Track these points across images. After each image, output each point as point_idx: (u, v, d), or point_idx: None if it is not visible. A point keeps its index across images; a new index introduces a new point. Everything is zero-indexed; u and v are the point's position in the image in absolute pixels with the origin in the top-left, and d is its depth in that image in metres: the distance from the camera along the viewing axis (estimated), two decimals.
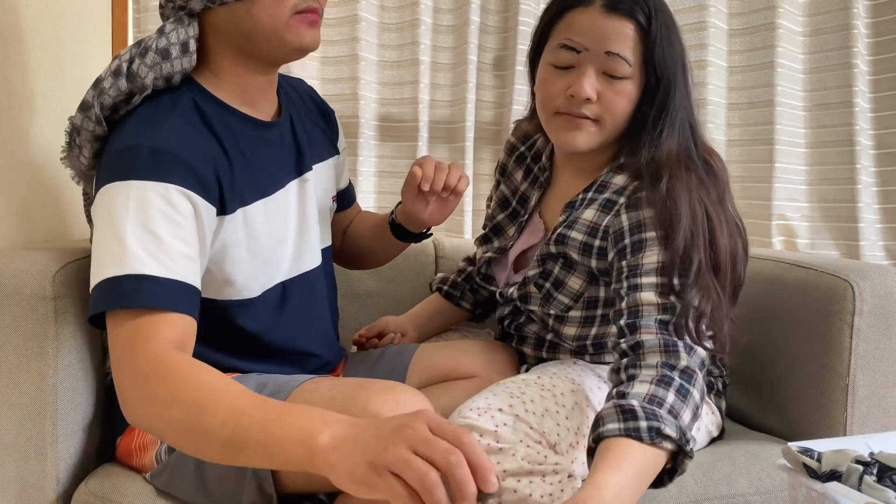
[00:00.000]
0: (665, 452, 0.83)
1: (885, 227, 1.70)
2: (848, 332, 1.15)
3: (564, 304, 1.09)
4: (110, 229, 0.84)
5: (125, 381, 0.81)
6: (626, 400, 0.85)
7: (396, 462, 0.62)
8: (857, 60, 1.64)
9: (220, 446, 0.73)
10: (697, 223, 0.96)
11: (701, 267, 0.95)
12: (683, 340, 0.91)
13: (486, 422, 0.94)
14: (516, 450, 0.92)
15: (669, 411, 0.84)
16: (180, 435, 0.76)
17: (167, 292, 0.83)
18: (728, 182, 1.06)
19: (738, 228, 1.04)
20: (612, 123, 1.04)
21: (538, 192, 1.18)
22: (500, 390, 1.00)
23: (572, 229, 1.07)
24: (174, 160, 0.87)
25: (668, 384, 0.87)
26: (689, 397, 0.87)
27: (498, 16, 1.75)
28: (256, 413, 0.72)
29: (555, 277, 1.09)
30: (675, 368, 0.89)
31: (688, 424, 0.86)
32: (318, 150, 1.13)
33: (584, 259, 1.05)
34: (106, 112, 0.92)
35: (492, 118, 1.77)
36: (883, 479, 0.77)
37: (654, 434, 0.81)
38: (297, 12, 0.93)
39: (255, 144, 1.00)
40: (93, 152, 0.95)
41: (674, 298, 0.93)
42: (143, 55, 0.92)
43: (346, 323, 1.49)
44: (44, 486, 0.99)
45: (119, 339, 0.82)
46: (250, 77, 0.99)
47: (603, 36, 1.00)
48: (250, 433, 0.71)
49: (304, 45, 0.96)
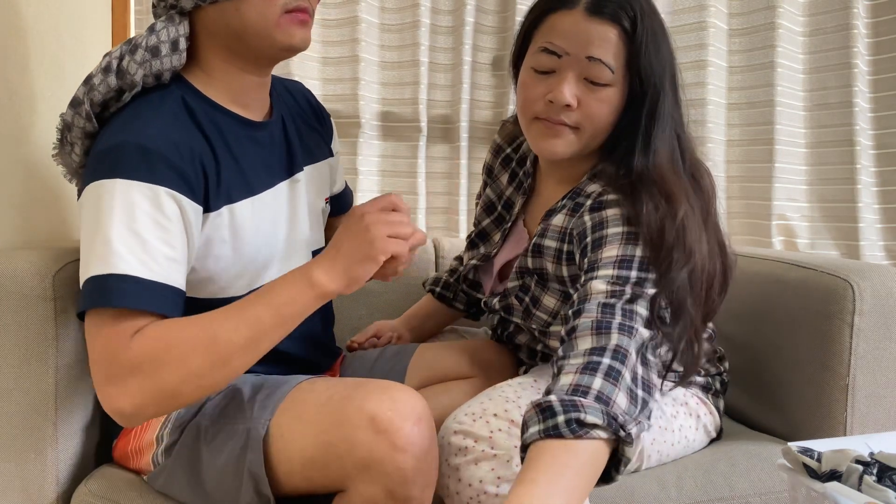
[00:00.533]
0: (601, 442, 0.75)
1: (885, 227, 1.70)
2: (848, 332, 1.14)
3: (544, 319, 1.07)
4: (96, 228, 0.84)
5: (110, 384, 0.81)
6: (547, 397, 0.77)
7: (386, 247, 0.86)
8: (857, 60, 1.64)
9: (243, 349, 0.83)
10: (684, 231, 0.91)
11: (676, 266, 0.89)
12: (619, 319, 0.84)
13: (481, 427, 0.93)
14: (511, 456, 0.91)
15: (597, 398, 0.77)
16: (206, 373, 0.82)
17: (149, 293, 0.83)
18: (714, 197, 1.00)
19: (720, 248, 0.98)
20: (592, 131, 0.99)
21: (522, 198, 1.15)
22: (496, 395, 0.99)
23: (545, 237, 1.05)
24: (161, 160, 0.86)
25: (594, 369, 0.79)
26: (621, 379, 0.79)
27: (496, 16, 1.75)
28: (254, 305, 0.85)
29: (532, 294, 1.07)
30: (606, 350, 0.81)
31: (625, 409, 0.78)
32: (310, 152, 1.13)
33: (558, 270, 1.02)
34: (96, 109, 0.92)
35: (490, 118, 1.77)
36: (883, 479, 0.77)
37: (576, 426, 0.74)
38: (287, 11, 0.93)
39: (243, 143, 1.00)
40: (84, 149, 0.95)
41: (628, 288, 0.87)
42: (133, 52, 0.92)
43: (346, 322, 1.49)
44: (44, 486, 0.99)
45: (99, 337, 0.82)
46: (241, 77, 0.99)
47: (585, 40, 0.95)
48: (262, 318, 0.84)
49: (294, 44, 0.95)
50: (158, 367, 0.80)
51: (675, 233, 0.90)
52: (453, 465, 0.93)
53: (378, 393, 0.83)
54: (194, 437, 0.93)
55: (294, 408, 0.87)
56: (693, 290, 0.91)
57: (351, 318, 1.52)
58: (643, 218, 0.91)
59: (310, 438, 0.84)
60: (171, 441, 0.95)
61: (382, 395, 0.83)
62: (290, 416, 0.87)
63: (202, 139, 0.94)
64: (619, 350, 0.81)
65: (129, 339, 0.81)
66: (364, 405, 0.82)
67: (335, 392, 0.86)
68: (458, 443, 0.93)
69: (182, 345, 0.81)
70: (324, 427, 0.83)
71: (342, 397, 0.85)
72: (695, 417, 1.12)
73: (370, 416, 0.81)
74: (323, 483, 0.86)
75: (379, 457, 0.80)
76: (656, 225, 0.91)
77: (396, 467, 0.80)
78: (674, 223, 0.90)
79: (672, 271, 0.89)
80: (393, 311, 1.55)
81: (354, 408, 0.82)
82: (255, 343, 0.84)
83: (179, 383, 0.81)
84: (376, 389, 0.84)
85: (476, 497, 0.91)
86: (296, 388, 0.90)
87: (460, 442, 0.93)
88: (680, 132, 1.00)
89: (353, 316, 1.53)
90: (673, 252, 0.89)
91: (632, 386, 0.80)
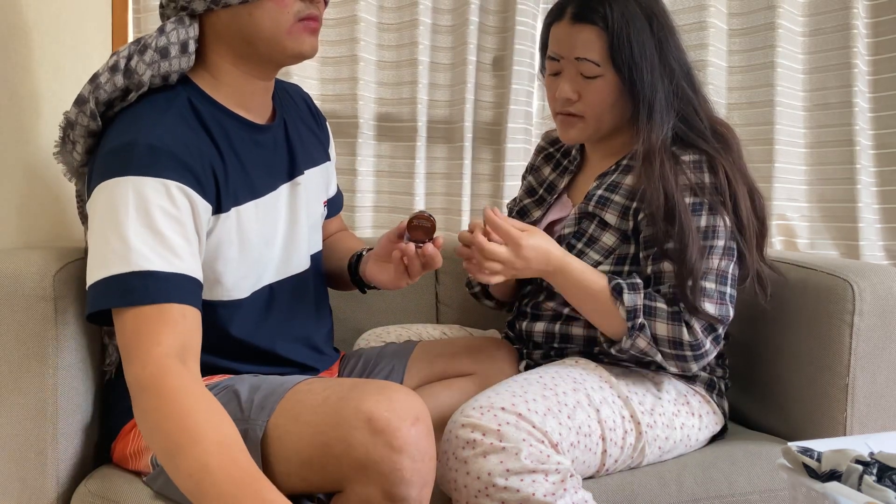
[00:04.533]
0: (616, 311, 1.05)
1: (885, 227, 1.70)
2: (848, 332, 1.15)
3: (595, 259, 1.13)
4: (111, 226, 0.85)
5: (128, 381, 0.84)
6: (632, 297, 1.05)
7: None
8: (857, 60, 1.64)
9: (183, 489, 0.77)
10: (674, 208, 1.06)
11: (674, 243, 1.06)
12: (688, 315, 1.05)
13: (489, 420, 0.94)
14: (519, 449, 0.92)
15: (643, 308, 1.05)
16: (158, 455, 0.80)
17: (171, 286, 0.84)
18: (740, 149, 1.15)
19: (753, 188, 1.13)
20: (595, 116, 1.14)
21: (568, 177, 1.27)
22: (503, 389, 1.00)
23: (615, 193, 1.14)
24: (170, 157, 0.87)
25: (653, 299, 1.05)
26: (657, 314, 1.04)
27: (497, 16, 1.75)
28: (222, 480, 0.74)
29: (589, 236, 1.15)
30: (669, 307, 1.05)
31: (644, 319, 1.04)
32: (311, 155, 1.14)
33: (621, 223, 1.13)
34: (101, 108, 0.93)
35: (490, 118, 1.77)
36: (883, 479, 0.77)
37: (616, 290, 1.05)
38: (299, 19, 0.95)
39: (248, 146, 1.00)
40: (86, 148, 0.95)
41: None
42: (142, 53, 0.92)
43: (347, 323, 1.49)
44: (44, 487, 0.99)
45: (125, 337, 0.84)
46: (247, 80, 1.00)
47: (571, 44, 1.11)
48: (208, 497, 0.74)
49: (304, 51, 0.98)
50: (154, 412, 0.80)
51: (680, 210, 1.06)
52: (461, 458, 0.93)
53: (375, 393, 0.83)
54: None
55: (291, 408, 0.87)
56: (743, 230, 1.09)
57: (351, 320, 1.52)
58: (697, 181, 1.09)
59: (307, 439, 0.84)
60: None
61: (379, 395, 0.83)
62: (288, 417, 0.87)
63: (209, 141, 0.95)
64: (676, 314, 1.05)
65: (155, 347, 0.82)
66: (361, 406, 0.82)
67: (332, 392, 0.86)
68: (465, 436, 0.94)
69: (174, 420, 0.78)
70: (321, 428, 0.83)
71: (339, 398, 0.84)
72: (697, 416, 1.13)
73: (367, 417, 0.81)
74: (320, 484, 0.86)
75: (376, 457, 0.80)
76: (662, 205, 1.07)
77: (393, 468, 0.80)
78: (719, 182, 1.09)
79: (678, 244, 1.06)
80: (393, 313, 1.55)
81: (351, 408, 0.82)
82: (192, 495, 0.77)
83: (150, 435, 0.81)
84: (373, 390, 0.84)
85: (484, 490, 0.92)
86: (293, 388, 0.90)
87: (468, 435, 0.94)
88: (694, 95, 1.14)
89: (353, 318, 1.53)
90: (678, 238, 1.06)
91: (655, 332, 1.05)
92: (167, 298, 0.84)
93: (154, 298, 0.83)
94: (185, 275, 0.87)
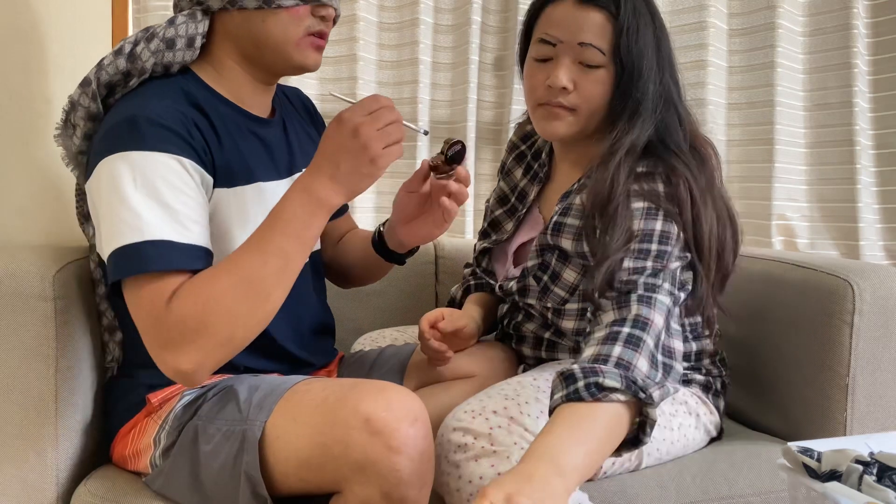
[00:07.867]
0: (621, 405, 0.81)
1: (885, 227, 1.70)
2: (848, 332, 1.14)
3: (561, 296, 1.09)
4: (119, 199, 0.85)
5: (165, 350, 0.84)
6: (570, 366, 0.84)
7: (387, 161, 0.90)
8: (857, 60, 1.64)
9: (277, 281, 0.86)
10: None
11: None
12: (640, 291, 0.92)
13: (481, 424, 0.94)
14: (511, 452, 0.91)
15: (617, 364, 0.83)
16: (251, 313, 0.85)
17: (184, 255, 0.86)
18: (718, 169, 1.07)
19: (728, 217, 1.05)
20: (588, 111, 1.05)
21: (537, 186, 1.20)
22: (495, 392, 1.00)
23: (567, 216, 1.08)
24: (170, 131, 0.89)
25: (614, 339, 0.86)
26: (643, 344, 0.86)
27: (498, 15, 1.75)
28: (272, 236, 0.87)
29: (552, 270, 1.10)
30: (626, 321, 0.89)
31: (646, 373, 0.84)
32: (308, 156, 1.14)
33: (578, 247, 1.05)
34: (102, 91, 0.94)
35: (492, 118, 1.77)
36: (883, 479, 0.77)
37: (595, 389, 0.80)
38: (308, 34, 0.97)
39: (245, 133, 1.02)
40: (85, 132, 0.96)
41: (649, 262, 0.95)
42: (149, 41, 0.95)
43: (347, 323, 1.49)
44: (44, 486, 0.99)
45: (142, 303, 0.85)
46: (248, 81, 1.02)
47: (576, 27, 1.03)
48: (285, 247, 0.86)
49: (307, 65, 1.00)
50: (205, 324, 0.83)
51: (678, 203, 0.98)
52: (453, 462, 0.93)
53: (374, 394, 0.83)
54: (192, 439, 0.93)
55: (290, 409, 0.87)
56: (702, 254, 0.99)
57: (351, 320, 1.52)
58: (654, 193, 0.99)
59: (305, 440, 0.84)
60: (169, 443, 0.95)
61: (378, 395, 0.83)
62: (286, 418, 0.87)
63: (204, 119, 0.96)
64: (639, 318, 0.89)
65: (168, 302, 0.83)
66: (359, 406, 0.82)
67: (331, 393, 0.86)
68: (457, 440, 0.94)
69: (220, 295, 0.83)
70: (319, 428, 0.83)
71: (337, 398, 0.84)
72: (694, 416, 1.12)
73: (365, 417, 0.81)
74: (318, 484, 0.86)
75: (374, 458, 0.80)
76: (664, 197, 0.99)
77: (392, 468, 0.80)
78: (676, 193, 0.99)
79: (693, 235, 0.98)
80: (393, 312, 1.55)
81: (350, 409, 0.82)
82: (285, 271, 0.87)
83: (230, 331, 0.84)
84: (372, 390, 0.84)
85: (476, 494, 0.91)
86: (291, 388, 0.90)
87: (460, 439, 0.94)
88: (678, 106, 1.07)
89: (353, 318, 1.53)
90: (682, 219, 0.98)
91: (654, 351, 0.87)
92: (183, 265, 0.86)
93: (168, 264, 0.84)
94: (198, 245, 0.88)
